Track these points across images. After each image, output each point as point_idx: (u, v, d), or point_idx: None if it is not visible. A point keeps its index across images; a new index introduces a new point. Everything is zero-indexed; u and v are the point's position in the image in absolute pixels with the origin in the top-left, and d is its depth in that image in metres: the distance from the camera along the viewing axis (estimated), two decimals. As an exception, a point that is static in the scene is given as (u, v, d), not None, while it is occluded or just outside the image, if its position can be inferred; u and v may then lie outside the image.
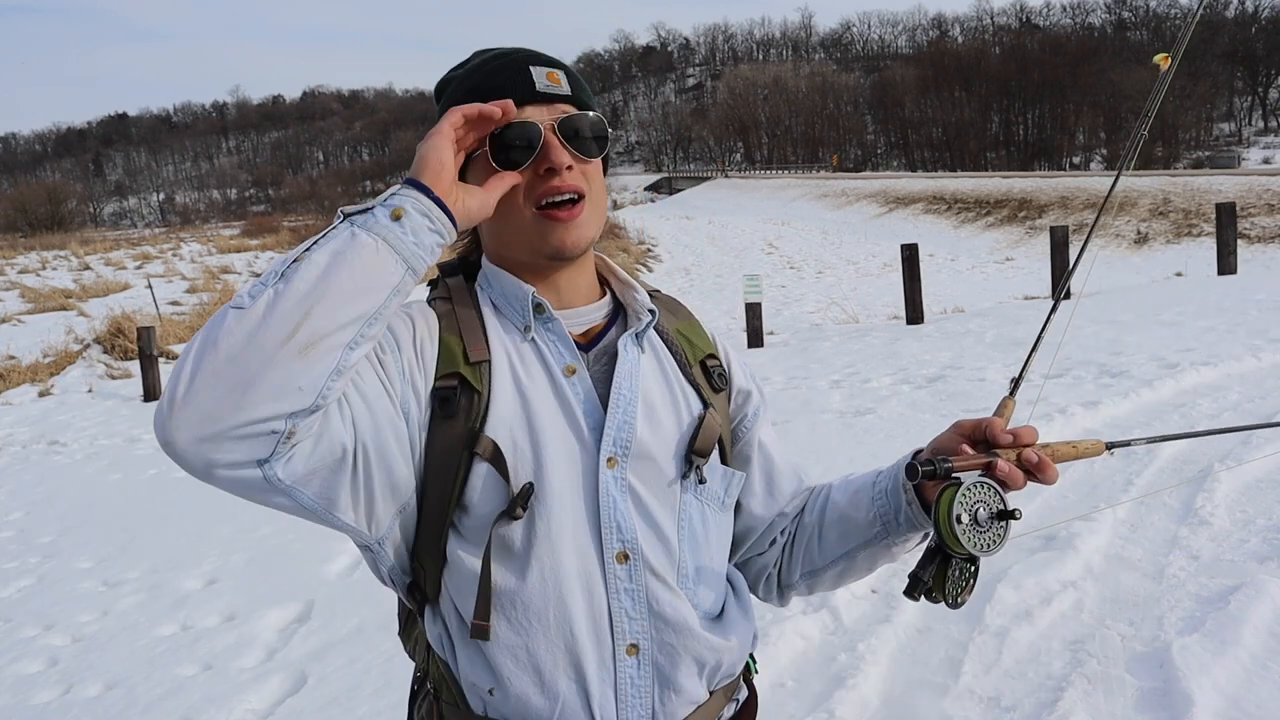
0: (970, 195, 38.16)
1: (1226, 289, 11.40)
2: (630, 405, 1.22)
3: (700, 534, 1.26)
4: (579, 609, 1.17)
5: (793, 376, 8.70)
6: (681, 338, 1.35)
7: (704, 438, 1.26)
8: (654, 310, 1.29)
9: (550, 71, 1.24)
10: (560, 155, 1.19)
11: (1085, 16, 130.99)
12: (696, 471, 1.25)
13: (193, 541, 5.78)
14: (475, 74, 1.26)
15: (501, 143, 1.19)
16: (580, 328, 1.29)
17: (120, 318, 16.02)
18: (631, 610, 1.19)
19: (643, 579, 1.20)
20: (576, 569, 1.18)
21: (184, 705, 3.63)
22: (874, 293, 19.51)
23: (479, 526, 1.17)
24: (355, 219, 1.05)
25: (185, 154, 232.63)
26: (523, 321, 1.24)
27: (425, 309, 1.26)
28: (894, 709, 3.09)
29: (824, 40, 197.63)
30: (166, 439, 0.97)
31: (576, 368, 1.23)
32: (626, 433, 1.21)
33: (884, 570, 4.04)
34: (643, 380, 1.26)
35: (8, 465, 9.13)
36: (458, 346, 1.21)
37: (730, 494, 1.32)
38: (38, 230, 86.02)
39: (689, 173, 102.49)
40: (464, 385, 1.18)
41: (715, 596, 1.29)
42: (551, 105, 1.22)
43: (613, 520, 1.19)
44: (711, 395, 1.32)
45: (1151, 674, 3.08)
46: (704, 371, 1.33)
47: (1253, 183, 27.99)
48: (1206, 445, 5.35)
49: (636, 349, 1.27)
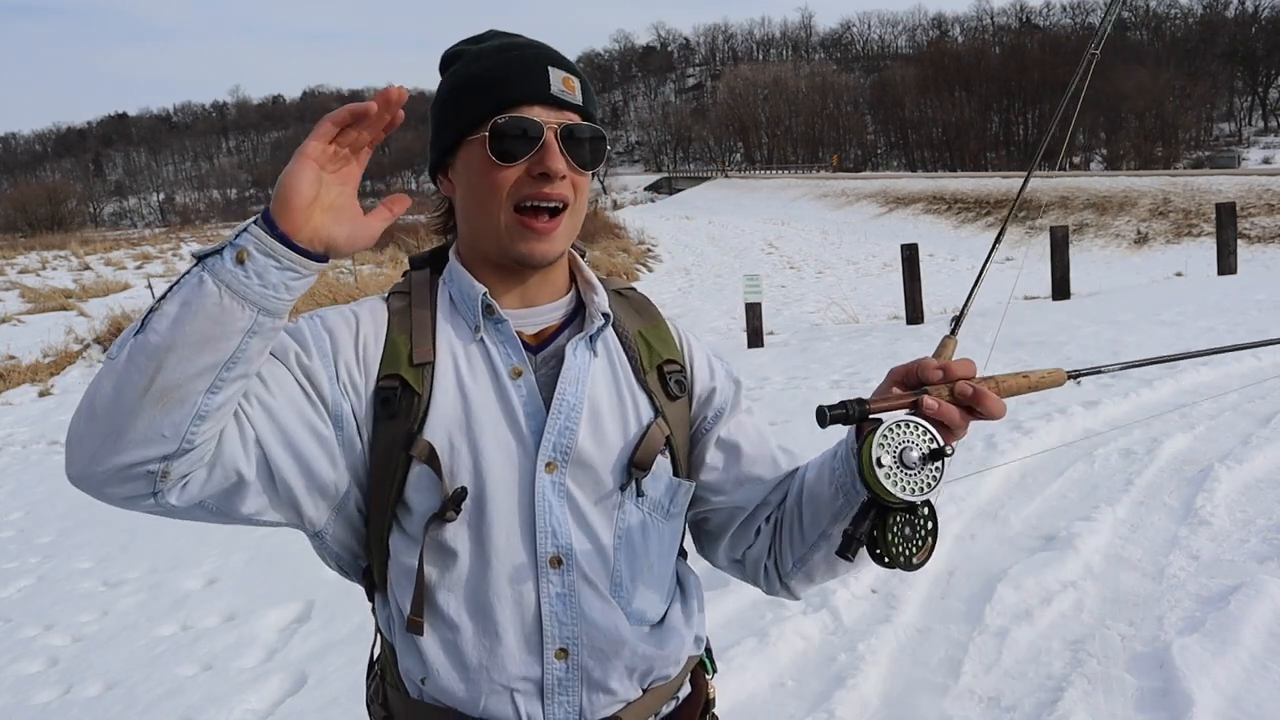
0: (970, 195, 38.16)
1: (1226, 289, 11.41)
2: (574, 411, 1.21)
3: (639, 543, 1.25)
4: (508, 611, 1.19)
5: (793, 376, 8.70)
6: (641, 341, 1.32)
7: (644, 450, 1.24)
8: (609, 314, 1.28)
9: (567, 77, 1.23)
10: (557, 161, 1.18)
11: (1085, 16, 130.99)
12: (635, 484, 1.24)
13: (193, 541, 5.78)
14: (491, 58, 1.24)
15: (500, 132, 1.18)
16: (534, 327, 1.27)
17: (120, 318, 16.06)
18: (562, 615, 1.19)
19: (575, 584, 1.20)
20: (508, 571, 1.19)
21: (184, 705, 3.63)
22: (874, 293, 19.50)
23: (418, 525, 1.19)
24: (206, 262, 1.01)
25: (185, 154, 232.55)
26: (474, 321, 1.24)
27: (377, 306, 1.28)
28: (894, 709, 3.09)
29: (824, 40, 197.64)
30: (67, 473, 1.05)
31: (523, 369, 1.23)
32: (567, 438, 1.21)
33: (884, 570, 4.04)
34: (592, 385, 1.24)
35: (8, 465, 9.14)
36: (404, 347, 1.22)
37: (677, 503, 1.30)
38: (38, 230, 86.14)
39: (689, 173, 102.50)
40: (405, 386, 1.19)
41: (655, 604, 1.28)
42: (560, 110, 1.21)
43: (548, 525, 1.19)
44: (665, 402, 1.29)
45: (1151, 674, 3.08)
46: (660, 377, 1.30)
47: (1253, 183, 27.99)
48: (1206, 445, 5.35)
49: (588, 353, 1.26)
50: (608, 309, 1.28)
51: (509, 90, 1.19)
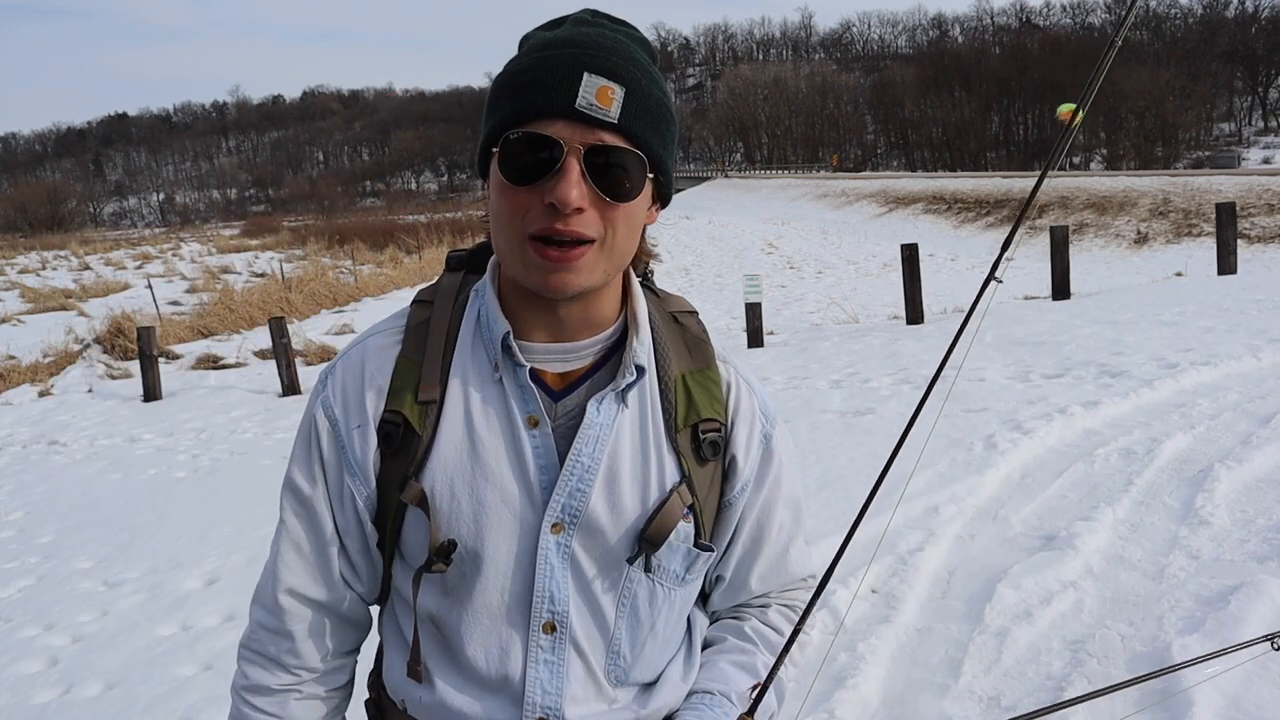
0: (970, 195, 38.15)
1: (1226, 289, 11.40)
2: (588, 474, 1.11)
3: (645, 613, 1.17)
4: (492, 669, 1.14)
5: (792, 376, 8.70)
6: (681, 390, 1.17)
7: (659, 524, 1.13)
8: (643, 367, 1.13)
9: (605, 86, 1.00)
10: (568, 192, 0.99)
11: (1085, 16, 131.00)
12: (644, 559, 1.14)
13: (193, 541, 5.78)
14: (532, 55, 1.04)
15: (510, 149, 1.02)
16: (562, 366, 1.14)
17: (120, 318, 16.04)
18: (547, 684, 1.13)
19: (565, 654, 1.13)
20: (499, 631, 1.13)
21: (184, 705, 3.63)
22: (874, 293, 19.49)
23: (411, 570, 1.15)
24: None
25: (185, 154, 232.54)
26: (494, 358, 1.12)
27: (379, 341, 1.18)
28: (894, 709, 3.09)
29: (824, 40, 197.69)
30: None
31: (540, 420, 1.11)
32: (578, 501, 1.11)
33: (884, 570, 4.05)
34: (615, 440, 1.12)
35: (8, 465, 9.13)
36: (411, 377, 1.13)
37: (694, 572, 1.20)
38: (38, 230, 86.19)
39: (689, 173, 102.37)
40: (406, 426, 1.11)
41: (655, 667, 1.22)
42: (589, 127, 1.00)
43: (546, 589, 1.12)
44: (694, 466, 1.16)
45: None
46: (693, 437, 1.16)
47: (1253, 183, 27.98)
48: (1206, 445, 5.35)
49: (614, 407, 1.12)
50: (644, 360, 1.14)
51: (527, 99, 1.01)
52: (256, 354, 14.62)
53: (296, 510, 1.18)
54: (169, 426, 10.20)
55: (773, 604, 1.31)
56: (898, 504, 4.73)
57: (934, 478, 5.16)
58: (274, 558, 1.19)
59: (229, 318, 18.03)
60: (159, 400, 11.93)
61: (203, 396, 11.94)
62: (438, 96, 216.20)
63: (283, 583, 1.17)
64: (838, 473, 5.42)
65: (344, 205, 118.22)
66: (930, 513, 4.65)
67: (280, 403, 11.14)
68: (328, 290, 21.74)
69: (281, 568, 1.18)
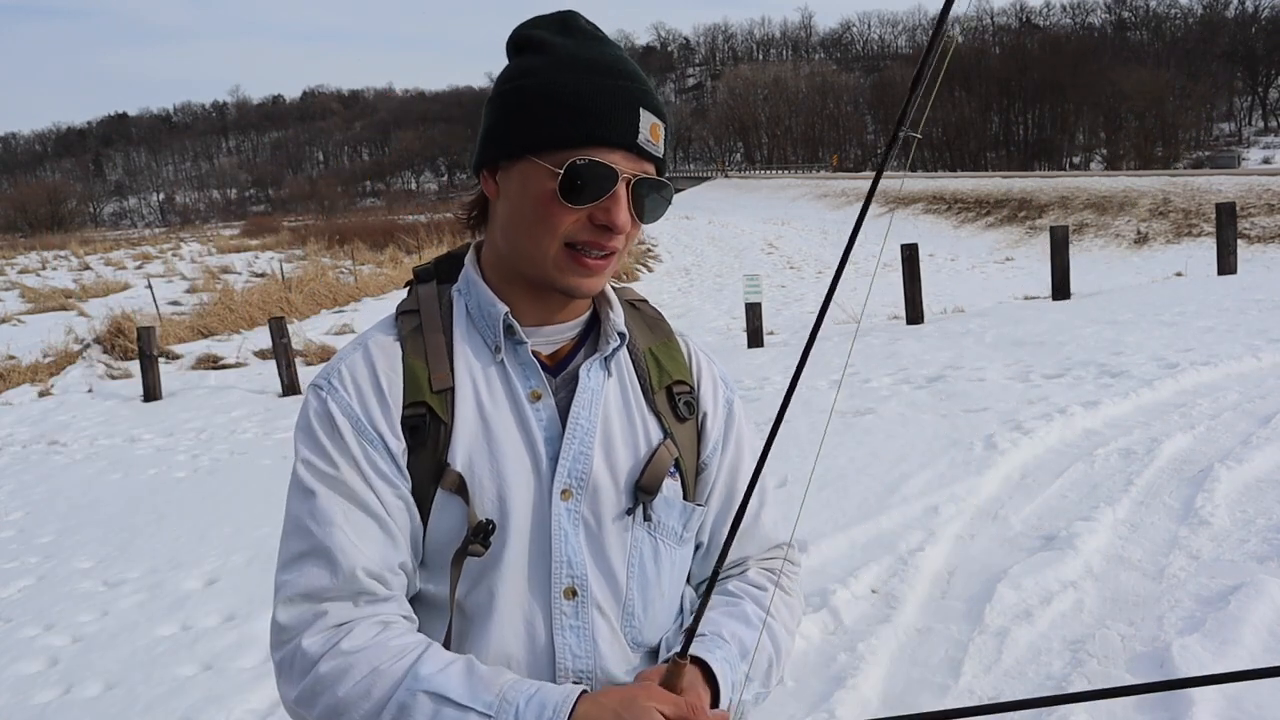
0: (970, 195, 38.15)
1: (1226, 289, 11.40)
2: (588, 435, 1.18)
3: (651, 571, 1.22)
4: (519, 644, 1.15)
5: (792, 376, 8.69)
6: (650, 359, 1.28)
7: (651, 473, 1.21)
8: (624, 333, 1.25)
9: (656, 124, 1.15)
10: (623, 217, 1.13)
11: (1085, 16, 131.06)
12: (643, 508, 1.21)
13: (193, 541, 5.78)
14: (583, 77, 1.13)
15: (575, 173, 1.11)
16: (550, 346, 1.23)
17: (120, 318, 16.04)
18: (577, 649, 1.16)
19: (589, 616, 1.17)
20: (522, 603, 1.15)
21: (184, 705, 3.63)
22: (874, 293, 19.48)
23: (444, 555, 1.14)
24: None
25: (185, 154, 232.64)
26: (494, 341, 1.19)
27: (381, 340, 1.20)
28: (894, 709, 3.09)
29: (824, 40, 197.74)
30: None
31: (542, 393, 1.19)
32: (583, 464, 1.17)
33: (884, 570, 4.05)
34: (605, 407, 1.21)
35: (8, 465, 9.14)
36: (423, 372, 1.17)
37: (689, 528, 1.27)
38: (38, 230, 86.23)
39: (689, 173, 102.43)
40: (430, 414, 1.15)
41: (663, 625, 1.26)
42: (639, 161, 1.14)
43: (564, 555, 1.16)
44: (674, 424, 1.26)
45: (1151, 674, 3.08)
46: (669, 398, 1.27)
47: (1253, 183, 27.97)
48: (1206, 445, 5.35)
49: (601, 373, 1.23)
50: (623, 328, 1.25)
51: (596, 129, 1.11)
52: (256, 354, 14.63)
53: (351, 498, 1.11)
54: (169, 426, 10.20)
55: (752, 566, 1.35)
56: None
57: (934, 478, 5.16)
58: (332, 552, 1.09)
59: (229, 318, 18.03)
60: (159, 400, 11.94)
61: (203, 396, 11.94)
62: (438, 96, 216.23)
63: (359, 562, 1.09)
64: (837, 472, 5.42)
65: (344, 205, 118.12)
66: (930, 512, 4.65)
67: (280, 403, 11.14)
68: (328, 290, 21.74)
69: (354, 552, 1.09)
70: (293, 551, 1.11)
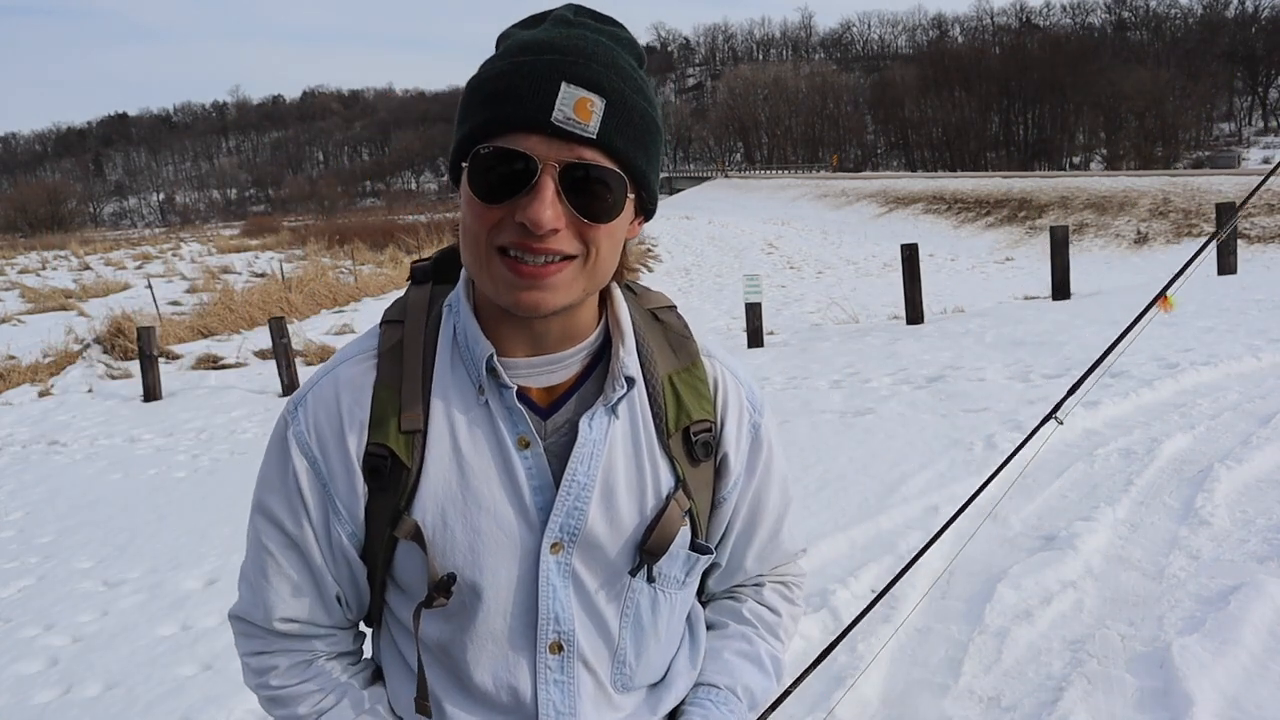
0: (970, 195, 38.14)
1: (1226, 289, 11.39)
2: (585, 490, 1.08)
3: (648, 621, 1.17)
4: (502, 696, 1.12)
5: (793, 376, 8.70)
6: (670, 392, 1.14)
7: (659, 535, 1.11)
8: (633, 378, 1.10)
9: (584, 98, 0.93)
10: (541, 213, 0.93)
11: (1085, 16, 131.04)
12: (645, 570, 1.13)
13: (193, 541, 5.78)
14: (506, 59, 0.97)
15: (481, 164, 0.96)
16: (547, 381, 1.09)
17: (120, 318, 16.03)
18: (560, 704, 1.12)
19: (574, 671, 1.12)
20: (505, 656, 1.11)
21: (184, 705, 3.63)
22: (874, 293, 19.48)
23: (408, 606, 1.12)
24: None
25: (185, 154, 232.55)
26: (478, 380, 1.07)
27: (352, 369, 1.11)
28: (894, 709, 3.09)
29: (824, 40, 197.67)
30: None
31: (530, 440, 1.07)
32: (576, 519, 1.08)
33: (884, 570, 4.05)
34: (609, 453, 1.09)
35: (8, 465, 9.13)
36: (392, 406, 1.07)
37: (693, 575, 1.20)
38: (38, 230, 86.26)
39: (689, 173, 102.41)
40: (393, 458, 1.06)
41: (658, 668, 1.22)
42: (567, 143, 0.94)
43: (550, 610, 1.09)
44: (688, 468, 1.14)
45: (1151, 674, 3.07)
46: (685, 440, 1.14)
47: (1253, 183, 27.94)
48: (1206, 445, 5.35)
49: (606, 420, 1.09)
50: (633, 371, 1.10)
51: (500, 110, 0.94)
52: (256, 354, 14.62)
53: (283, 543, 1.11)
54: (169, 426, 10.20)
55: (766, 583, 1.33)
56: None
57: (934, 478, 5.16)
58: (261, 588, 1.13)
59: (229, 318, 18.02)
60: (159, 400, 11.93)
61: (203, 396, 11.94)
62: (438, 96, 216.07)
63: (276, 612, 1.13)
64: (837, 472, 5.42)
65: (344, 205, 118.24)
66: (930, 512, 4.65)
67: (280, 403, 11.14)
68: (328, 290, 21.73)
69: (274, 599, 1.13)
70: (244, 568, 1.17)
